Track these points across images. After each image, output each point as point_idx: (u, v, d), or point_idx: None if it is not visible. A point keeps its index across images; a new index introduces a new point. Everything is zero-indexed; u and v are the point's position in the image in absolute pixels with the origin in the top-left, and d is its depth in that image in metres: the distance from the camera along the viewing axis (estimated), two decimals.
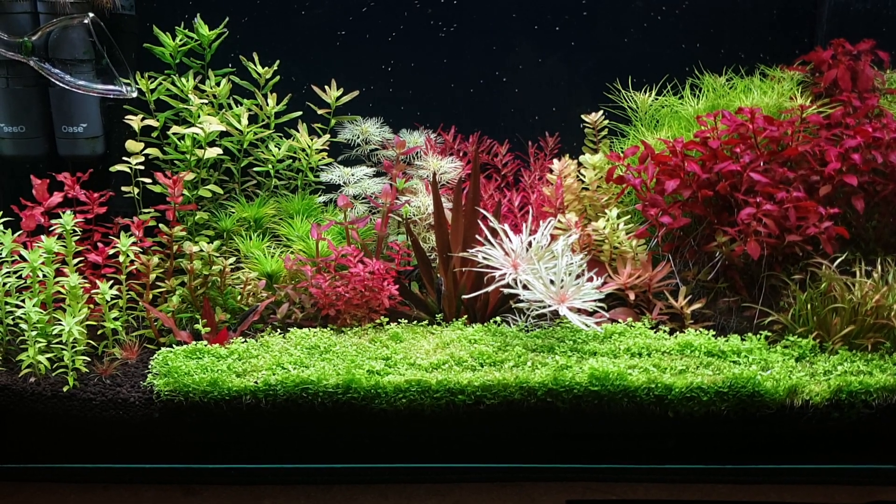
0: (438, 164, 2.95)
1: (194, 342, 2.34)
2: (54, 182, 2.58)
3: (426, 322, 2.49)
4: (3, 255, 2.33)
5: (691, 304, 2.49)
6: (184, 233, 2.63)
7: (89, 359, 2.28)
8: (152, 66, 2.93)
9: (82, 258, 2.49)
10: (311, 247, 2.65)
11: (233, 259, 2.65)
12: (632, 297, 2.53)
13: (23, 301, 2.26)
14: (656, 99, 3.05)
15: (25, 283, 2.33)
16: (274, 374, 2.17)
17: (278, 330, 2.48)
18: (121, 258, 2.44)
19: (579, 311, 2.36)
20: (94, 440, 2.22)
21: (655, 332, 2.40)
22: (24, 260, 2.30)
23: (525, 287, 2.37)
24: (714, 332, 2.39)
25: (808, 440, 2.22)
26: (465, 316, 2.50)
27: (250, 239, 2.79)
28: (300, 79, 3.08)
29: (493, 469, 2.30)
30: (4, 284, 2.29)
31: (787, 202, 2.43)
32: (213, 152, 2.81)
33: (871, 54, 2.89)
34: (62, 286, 2.32)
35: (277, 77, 3.01)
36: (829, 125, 2.68)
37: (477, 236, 2.49)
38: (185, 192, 2.73)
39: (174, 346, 2.33)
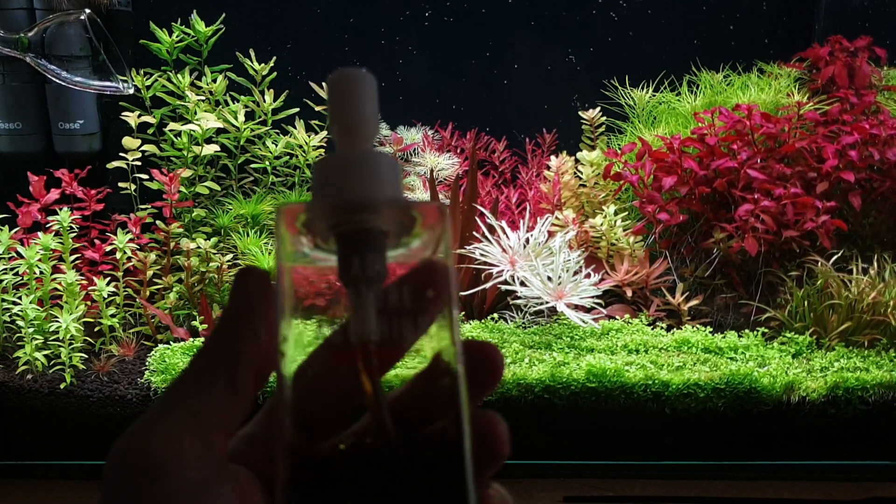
0: (436, 161, 2.95)
1: (192, 339, 2.34)
2: (51, 179, 2.58)
3: None
4: (0, 252, 2.32)
5: (688, 301, 2.49)
6: (181, 229, 2.63)
7: (86, 356, 2.28)
8: (149, 62, 2.93)
9: (79, 255, 2.49)
10: None
11: (230, 256, 2.64)
12: (629, 293, 2.52)
13: (20, 298, 2.25)
14: (654, 95, 3.05)
15: (22, 279, 2.33)
16: None
17: None
18: (118, 255, 2.44)
19: (577, 307, 2.36)
20: (91, 437, 2.22)
21: (652, 329, 2.40)
22: (21, 257, 2.29)
23: (523, 284, 2.37)
24: (711, 329, 2.40)
25: (804, 436, 2.23)
26: (463, 313, 2.50)
27: (248, 236, 2.78)
28: (297, 75, 3.08)
29: None
30: (1, 281, 2.28)
31: (784, 198, 2.42)
32: (210, 149, 2.81)
33: (868, 51, 2.89)
34: (59, 283, 2.32)
35: (274, 73, 3.01)
36: (826, 122, 2.68)
37: (474, 233, 2.49)
38: (182, 188, 2.72)
39: (171, 343, 2.33)
